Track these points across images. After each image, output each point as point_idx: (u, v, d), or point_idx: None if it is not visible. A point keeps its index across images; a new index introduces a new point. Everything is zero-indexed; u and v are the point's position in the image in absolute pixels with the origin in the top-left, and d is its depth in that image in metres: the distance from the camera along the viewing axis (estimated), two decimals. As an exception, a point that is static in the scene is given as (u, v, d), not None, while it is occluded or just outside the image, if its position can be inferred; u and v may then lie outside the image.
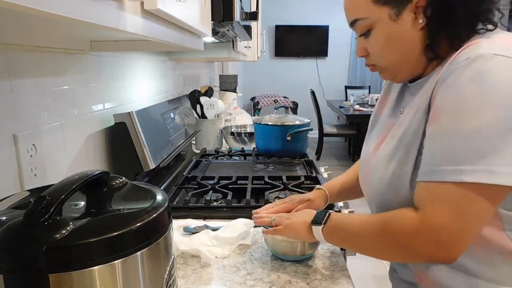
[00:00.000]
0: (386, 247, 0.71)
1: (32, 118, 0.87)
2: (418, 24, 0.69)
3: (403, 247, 0.68)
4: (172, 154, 1.43)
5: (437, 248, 0.64)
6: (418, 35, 0.70)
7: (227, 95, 3.05)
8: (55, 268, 0.46)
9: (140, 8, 0.64)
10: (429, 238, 0.64)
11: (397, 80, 0.81)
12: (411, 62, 0.73)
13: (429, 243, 0.64)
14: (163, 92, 1.85)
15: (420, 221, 0.64)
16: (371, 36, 0.74)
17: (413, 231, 0.65)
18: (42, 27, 0.72)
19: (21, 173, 0.82)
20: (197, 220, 1.12)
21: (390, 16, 0.70)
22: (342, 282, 0.84)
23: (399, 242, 0.68)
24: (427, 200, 0.65)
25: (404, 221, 0.67)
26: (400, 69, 0.76)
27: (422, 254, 0.66)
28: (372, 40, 0.74)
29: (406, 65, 0.74)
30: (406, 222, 0.66)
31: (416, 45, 0.71)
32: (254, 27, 2.50)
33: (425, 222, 0.64)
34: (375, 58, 0.77)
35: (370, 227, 0.72)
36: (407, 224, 0.66)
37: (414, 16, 0.69)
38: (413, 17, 0.69)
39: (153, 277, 0.55)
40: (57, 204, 0.48)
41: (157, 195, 0.60)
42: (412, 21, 0.69)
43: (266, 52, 6.55)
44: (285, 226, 0.87)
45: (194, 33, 1.04)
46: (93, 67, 1.15)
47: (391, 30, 0.71)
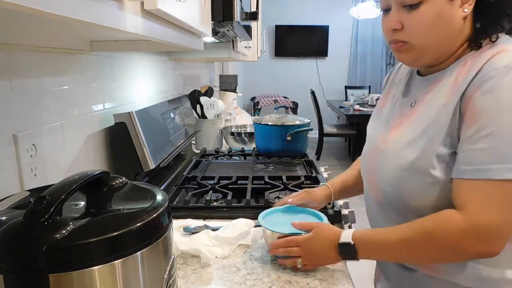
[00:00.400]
0: (432, 254, 0.72)
1: (32, 118, 0.87)
2: (463, 13, 0.71)
3: (451, 251, 0.69)
4: (172, 154, 1.43)
5: (485, 246, 0.66)
6: (461, 23, 0.72)
7: (227, 95, 3.05)
8: (55, 268, 0.46)
9: (140, 8, 0.64)
10: (477, 237, 0.66)
11: (416, 63, 0.80)
12: (445, 48, 0.74)
13: (478, 242, 0.66)
14: (163, 92, 1.85)
15: (466, 222, 0.66)
16: (419, 10, 0.71)
17: (460, 234, 0.67)
18: (42, 27, 0.72)
19: (21, 173, 0.82)
20: (197, 220, 1.12)
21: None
22: (342, 282, 0.84)
23: (447, 247, 0.69)
24: (471, 198, 0.67)
25: (450, 226, 0.68)
26: (429, 52, 0.75)
27: (469, 254, 0.68)
28: (419, 14, 0.71)
29: (439, 49, 0.74)
30: (452, 226, 0.67)
31: (455, 32, 0.72)
32: (254, 27, 2.50)
33: (471, 221, 0.66)
34: (412, 34, 0.73)
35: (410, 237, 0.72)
36: (454, 228, 0.67)
37: (460, 4, 0.71)
38: (460, 4, 0.71)
39: (153, 277, 0.55)
40: (57, 204, 0.48)
41: (157, 195, 0.60)
42: (458, 8, 0.71)
43: (266, 52, 6.55)
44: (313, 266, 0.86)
45: (194, 33, 1.04)
46: (93, 67, 1.15)
47: (443, 8, 0.70)
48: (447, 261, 0.74)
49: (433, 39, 0.73)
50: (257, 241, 1.02)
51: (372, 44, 6.77)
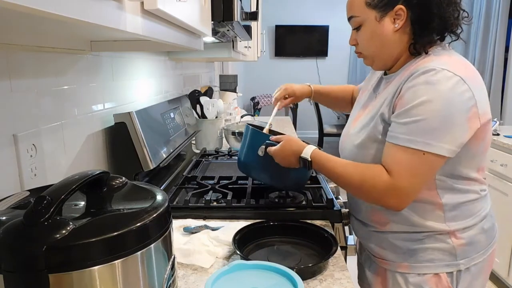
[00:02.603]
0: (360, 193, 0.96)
1: (32, 118, 0.87)
2: (394, 27, 0.93)
3: (373, 198, 0.93)
4: (172, 154, 1.43)
5: (396, 202, 0.90)
6: (394, 36, 0.95)
7: (227, 95, 3.05)
8: (55, 268, 0.46)
9: (140, 8, 0.64)
10: (393, 196, 0.90)
11: (374, 67, 1.04)
12: (385, 55, 0.98)
13: (393, 198, 0.90)
14: (163, 92, 1.85)
15: (391, 184, 0.89)
16: (360, 31, 0.98)
17: (384, 190, 0.90)
18: (42, 27, 0.72)
19: (21, 173, 0.82)
20: (197, 220, 1.12)
21: (375, 17, 0.94)
22: (342, 282, 0.84)
23: (371, 194, 0.93)
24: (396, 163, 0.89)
25: (379, 181, 0.90)
26: (377, 59, 1.00)
27: (384, 203, 0.92)
28: (361, 34, 0.98)
29: (382, 56, 0.99)
30: (380, 182, 0.90)
31: (390, 43, 0.96)
32: (254, 27, 2.50)
33: (394, 185, 0.89)
34: (361, 47, 1.01)
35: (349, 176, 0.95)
36: (381, 184, 0.90)
37: (393, 21, 0.93)
38: (392, 22, 0.93)
39: (153, 277, 0.55)
40: (57, 204, 0.48)
41: (157, 195, 0.60)
42: (391, 24, 0.94)
43: (266, 52, 6.54)
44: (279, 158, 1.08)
45: (194, 33, 1.04)
46: (93, 67, 1.15)
47: (374, 28, 0.95)
48: (368, 201, 0.98)
49: (374, 49, 0.98)
50: (257, 241, 1.02)
51: (372, 44, 6.76)
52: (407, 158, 0.88)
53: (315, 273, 0.87)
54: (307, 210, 1.17)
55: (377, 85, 1.08)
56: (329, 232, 1.01)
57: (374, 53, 0.99)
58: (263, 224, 1.07)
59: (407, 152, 0.87)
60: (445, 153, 0.86)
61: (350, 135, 1.06)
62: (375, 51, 0.98)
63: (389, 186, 0.89)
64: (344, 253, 1.16)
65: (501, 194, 2.38)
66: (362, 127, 1.02)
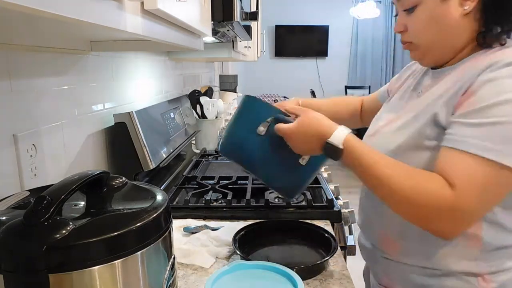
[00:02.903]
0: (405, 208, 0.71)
1: (32, 118, 0.87)
2: (462, 10, 0.73)
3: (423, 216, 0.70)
4: (172, 154, 1.43)
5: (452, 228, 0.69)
6: (461, 21, 0.74)
7: (227, 95, 3.05)
8: (55, 268, 0.46)
9: (140, 8, 0.63)
10: (451, 218, 0.68)
11: (424, 62, 0.84)
12: (446, 45, 0.78)
13: (449, 222, 0.68)
14: (163, 92, 1.85)
15: (454, 202, 0.66)
16: (415, 12, 0.77)
17: (443, 210, 0.67)
18: (42, 27, 0.72)
19: (21, 173, 0.82)
20: (197, 220, 1.12)
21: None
22: (342, 282, 0.84)
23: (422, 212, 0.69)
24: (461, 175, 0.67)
25: (440, 198, 0.67)
26: (432, 50, 0.79)
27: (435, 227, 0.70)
28: (415, 17, 0.77)
29: (440, 47, 0.78)
30: (441, 199, 0.67)
31: (455, 30, 0.75)
32: (254, 27, 2.49)
33: (458, 204, 0.66)
34: (413, 35, 0.80)
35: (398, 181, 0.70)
36: (441, 201, 0.67)
37: (461, 2, 0.73)
38: (459, 3, 0.73)
39: (153, 277, 0.55)
40: (57, 204, 0.48)
41: (157, 195, 0.60)
42: (458, 7, 0.73)
43: (266, 52, 6.53)
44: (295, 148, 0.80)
45: (194, 33, 1.04)
46: (93, 67, 1.15)
47: (436, 9, 0.74)
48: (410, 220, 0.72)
49: (431, 37, 0.78)
50: (257, 241, 1.02)
51: (372, 44, 6.77)
52: (478, 171, 0.66)
53: (315, 273, 0.87)
54: (307, 210, 1.17)
55: (419, 82, 0.89)
56: (329, 232, 1.01)
57: (431, 42, 0.78)
58: (263, 224, 1.07)
59: (479, 162, 0.66)
60: None
61: (382, 136, 0.85)
62: (434, 39, 0.77)
63: (452, 205, 0.66)
64: (344, 253, 1.16)
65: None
66: (399, 127, 0.81)
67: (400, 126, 0.81)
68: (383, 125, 0.88)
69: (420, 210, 0.69)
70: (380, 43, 6.75)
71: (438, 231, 0.70)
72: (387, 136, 0.83)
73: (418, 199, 0.68)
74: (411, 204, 0.69)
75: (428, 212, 0.68)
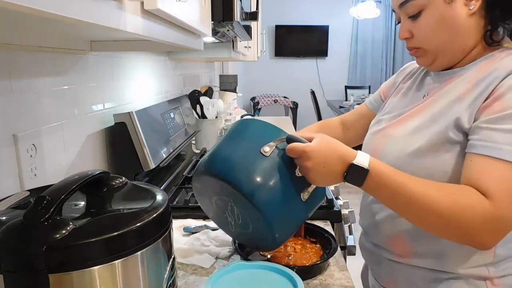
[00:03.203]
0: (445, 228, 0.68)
1: (32, 118, 0.87)
2: (468, 10, 0.73)
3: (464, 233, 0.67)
4: (172, 154, 1.43)
5: (492, 238, 0.66)
6: (468, 21, 0.74)
7: (227, 95, 3.05)
8: (55, 268, 0.46)
9: (140, 8, 0.64)
10: (493, 230, 0.66)
11: (433, 66, 0.82)
12: (456, 47, 0.77)
13: (489, 233, 0.66)
14: (163, 92, 1.85)
15: (492, 213, 0.64)
16: (421, 17, 0.76)
17: (483, 223, 0.65)
18: (42, 27, 0.72)
19: (21, 173, 0.82)
20: (197, 220, 1.12)
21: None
22: (342, 282, 0.84)
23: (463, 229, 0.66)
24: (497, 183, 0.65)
25: (477, 213, 0.65)
26: (442, 54, 0.78)
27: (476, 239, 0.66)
28: (422, 21, 0.76)
29: (450, 50, 0.78)
30: (479, 213, 0.64)
31: (462, 32, 0.75)
32: (254, 27, 2.50)
33: (497, 214, 0.64)
34: (421, 40, 0.79)
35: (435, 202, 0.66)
36: (480, 215, 0.64)
37: (465, 2, 0.73)
38: (464, 3, 0.73)
39: (153, 277, 0.55)
40: (57, 204, 0.48)
41: (157, 195, 0.60)
42: (463, 7, 0.73)
43: (266, 52, 6.54)
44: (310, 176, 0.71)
45: (194, 33, 1.04)
46: (93, 67, 1.15)
47: (443, 12, 0.74)
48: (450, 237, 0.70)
49: (441, 40, 0.77)
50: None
51: (372, 44, 6.77)
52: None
53: (315, 273, 0.87)
54: (307, 210, 1.17)
55: (421, 83, 0.88)
56: (329, 232, 1.01)
57: (441, 45, 0.77)
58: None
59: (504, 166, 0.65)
60: None
61: (395, 139, 0.82)
62: (444, 42, 0.76)
63: (491, 216, 0.64)
64: (344, 253, 1.16)
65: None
66: (414, 130, 0.78)
67: (415, 128, 0.78)
68: (387, 126, 0.87)
69: (461, 228, 0.66)
70: (380, 43, 6.75)
71: (479, 244, 0.67)
72: (402, 139, 0.80)
73: (458, 217, 0.65)
74: (451, 222, 0.66)
75: (470, 228, 0.65)
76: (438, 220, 0.67)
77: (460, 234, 0.67)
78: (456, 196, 0.66)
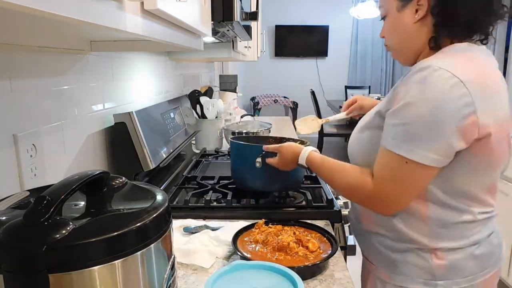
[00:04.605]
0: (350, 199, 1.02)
1: (32, 118, 0.87)
2: (415, 18, 0.88)
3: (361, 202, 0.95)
4: (172, 154, 1.43)
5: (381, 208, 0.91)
6: (415, 27, 0.89)
7: (227, 95, 3.05)
8: (55, 268, 0.46)
9: (140, 8, 0.64)
10: (376, 202, 0.89)
11: (401, 61, 0.98)
12: (407, 49, 0.93)
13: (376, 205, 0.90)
14: (163, 92, 1.85)
15: (372, 190, 0.87)
16: (385, 21, 0.95)
17: (367, 197, 0.89)
18: (42, 27, 0.72)
19: (21, 173, 0.82)
20: (197, 220, 1.12)
21: (397, 7, 0.90)
22: (342, 282, 0.84)
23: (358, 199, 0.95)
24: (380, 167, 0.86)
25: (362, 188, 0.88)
26: (399, 52, 0.96)
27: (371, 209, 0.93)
28: (385, 24, 0.96)
29: (403, 50, 0.94)
30: (363, 189, 0.88)
31: (410, 35, 0.90)
32: (254, 27, 2.50)
33: (375, 191, 0.87)
34: (386, 39, 0.97)
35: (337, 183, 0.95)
36: (363, 190, 0.88)
37: (414, 11, 0.88)
38: (413, 12, 0.88)
39: (153, 277, 0.55)
40: (57, 204, 0.48)
41: (157, 195, 0.60)
42: (412, 15, 0.88)
43: (266, 52, 6.55)
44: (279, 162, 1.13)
45: (194, 33, 1.04)
46: (93, 67, 1.15)
47: (395, 18, 0.91)
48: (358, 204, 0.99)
49: (395, 41, 0.95)
50: (257, 241, 1.02)
51: (372, 44, 6.77)
52: (390, 163, 0.83)
53: (315, 273, 0.87)
54: (307, 210, 1.17)
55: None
56: (329, 232, 1.01)
57: (397, 46, 0.95)
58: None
59: (391, 156, 0.83)
60: (429, 162, 0.79)
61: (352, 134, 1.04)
62: (398, 43, 0.94)
63: (371, 192, 0.87)
64: (344, 253, 1.16)
65: (502, 194, 2.38)
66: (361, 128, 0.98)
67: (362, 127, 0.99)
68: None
69: (358, 201, 0.96)
70: (380, 43, 6.74)
71: (376, 211, 0.92)
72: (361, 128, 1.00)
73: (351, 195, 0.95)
74: (350, 198, 0.99)
75: (362, 202, 0.94)
76: (343, 193, 0.97)
77: (359, 202, 0.96)
78: (350, 178, 0.92)
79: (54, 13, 0.40)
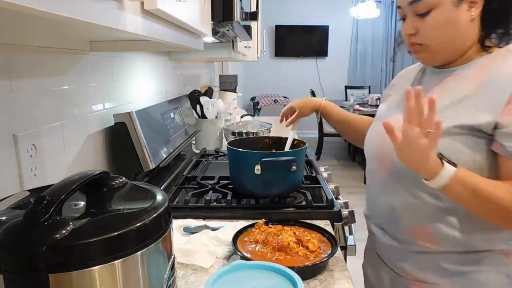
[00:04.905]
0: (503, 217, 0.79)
1: (32, 118, 0.87)
2: (469, 16, 0.82)
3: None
4: (172, 154, 1.43)
5: None
6: (468, 25, 0.83)
7: (227, 95, 3.05)
8: (55, 268, 0.46)
9: (140, 8, 0.64)
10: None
11: (430, 62, 0.91)
12: (454, 47, 0.86)
13: None
14: (163, 92, 1.85)
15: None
16: (430, 16, 0.83)
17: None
18: (42, 27, 0.72)
19: (21, 173, 0.82)
20: (197, 220, 1.12)
21: (453, 2, 0.82)
22: (342, 282, 0.84)
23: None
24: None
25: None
26: (442, 51, 0.87)
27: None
28: (430, 20, 0.84)
29: (449, 49, 0.86)
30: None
31: (463, 33, 0.84)
32: (254, 27, 2.50)
33: None
34: (425, 37, 0.86)
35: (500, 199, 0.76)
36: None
37: (468, 8, 0.82)
38: (468, 8, 0.82)
39: (153, 277, 0.55)
40: (57, 204, 0.48)
41: (157, 195, 0.60)
42: (466, 12, 0.82)
43: (266, 52, 6.54)
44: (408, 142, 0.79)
45: (194, 33, 1.04)
46: (93, 67, 1.15)
47: (450, 13, 0.82)
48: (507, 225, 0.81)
49: (443, 39, 0.85)
50: (257, 241, 1.02)
51: (372, 44, 6.77)
52: None
53: (315, 273, 0.87)
54: (307, 210, 1.17)
55: (421, 83, 0.95)
56: (329, 232, 1.01)
57: (442, 43, 0.85)
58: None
59: None
60: None
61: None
62: (445, 41, 0.85)
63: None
64: (344, 253, 1.16)
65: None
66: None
67: None
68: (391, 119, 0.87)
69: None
70: (380, 43, 6.75)
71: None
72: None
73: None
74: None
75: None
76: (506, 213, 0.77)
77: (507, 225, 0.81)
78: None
79: (54, 13, 0.40)
